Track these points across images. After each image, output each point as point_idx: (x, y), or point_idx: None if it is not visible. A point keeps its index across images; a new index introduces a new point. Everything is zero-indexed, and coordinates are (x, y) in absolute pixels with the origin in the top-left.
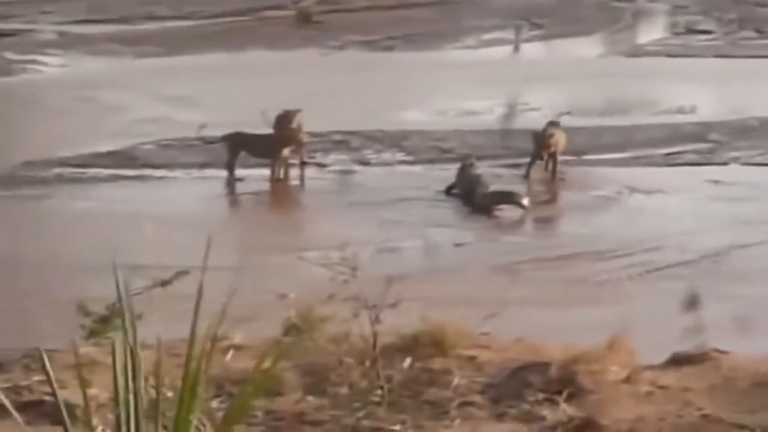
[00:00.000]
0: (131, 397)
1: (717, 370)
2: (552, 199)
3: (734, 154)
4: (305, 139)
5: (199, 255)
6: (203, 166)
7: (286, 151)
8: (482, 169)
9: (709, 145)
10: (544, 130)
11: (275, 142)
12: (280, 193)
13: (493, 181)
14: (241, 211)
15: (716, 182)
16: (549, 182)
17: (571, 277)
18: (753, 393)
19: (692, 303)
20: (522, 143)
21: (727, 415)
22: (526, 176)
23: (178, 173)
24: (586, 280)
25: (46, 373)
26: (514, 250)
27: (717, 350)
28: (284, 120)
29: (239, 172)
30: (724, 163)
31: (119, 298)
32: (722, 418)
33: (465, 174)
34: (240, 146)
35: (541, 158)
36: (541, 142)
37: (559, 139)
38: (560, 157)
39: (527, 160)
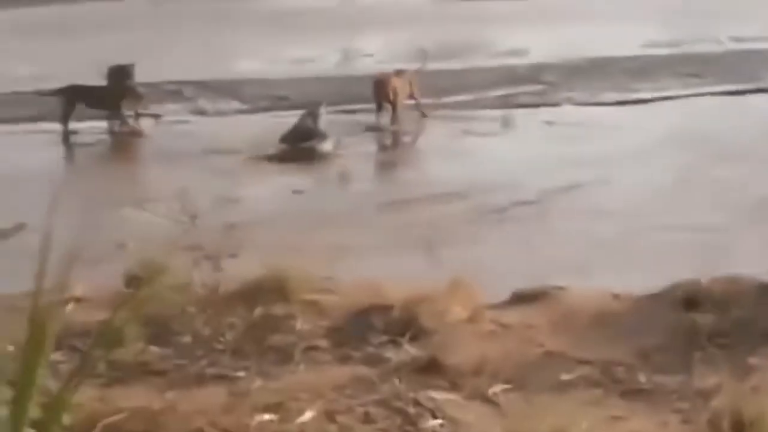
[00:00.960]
0: None
1: (557, 306)
2: (392, 146)
3: (567, 94)
4: (142, 91)
5: (36, 210)
6: (35, 119)
7: (123, 103)
8: (324, 117)
9: (542, 87)
10: (382, 77)
11: (113, 95)
12: (118, 145)
13: (330, 132)
14: (78, 163)
15: (550, 123)
16: (390, 128)
17: (410, 221)
18: (593, 328)
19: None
20: (361, 89)
21: (569, 350)
22: (376, 125)
23: (10, 128)
24: (425, 224)
25: None
26: (354, 196)
27: (557, 287)
28: (121, 73)
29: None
30: (557, 104)
31: None
32: (564, 353)
33: (302, 122)
34: (76, 99)
35: (380, 106)
36: (377, 90)
37: (398, 86)
38: (409, 102)
39: (368, 106)
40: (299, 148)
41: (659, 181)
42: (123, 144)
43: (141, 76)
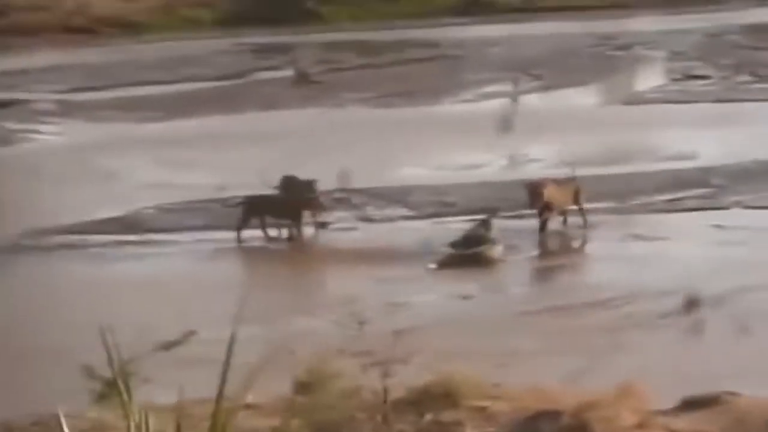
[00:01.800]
0: None
1: (729, 413)
2: (559, 251)
3: (736, 198)
4: (324, 202)
5: (203, 316)
6: (204, 228)
7: (306, 214)
8: (497, 224)
9: (711, 190)
10: (535, 182)
11: (295, 206)
12: (290, 253)
13: (499, 238)
14: (252, 271)
15: (719, 227)
16: (557, 233)
17: (579, 326)
18: None
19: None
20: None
21: None
22: (541, 229)
23: (179, 236)
24: (594, 329)
25: None
26: (521, 301)
27: (729, 393)
28: (305, 186)
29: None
30: (726, 208)
31: (124, 362)
32: None
33: (475, 230)
34: (258, 209)
35: (534, 209)
36: (531, 195)
37: (554, 192)
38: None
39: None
40: (468, 254)
41: None
42: (295, 252)
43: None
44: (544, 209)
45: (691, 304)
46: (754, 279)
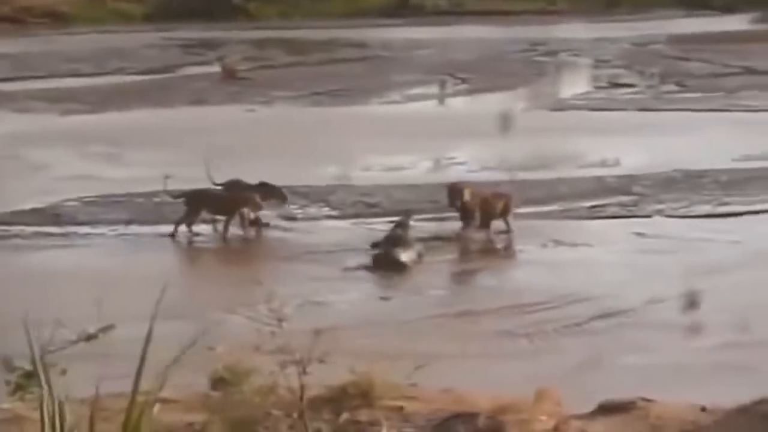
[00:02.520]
0: None
1: (644, 419)
2: (481, 253)
3: (658, 206)
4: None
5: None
6: (128, 222)
7: (244, 211)
8: (415, 227)
9: (633, 198)
10: (456, 182)
11: (233, 202)
12: (219, 250)
13: (414, 241)
14: (172, 266)
15: (640, 234)
16: (479, 237)
17: (497, 329)
18: None
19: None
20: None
21: None
22: (463, 231)
23: (102, 229)
24: (512, 333)
25: None
26: (440, 303)
27: (644, 399)
28: (239, 185)
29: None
30: (648, 216)
31: (42, 354)
32: None
33: (393, 232)
34: (198, 204)
35: (452, 207)
36: (450, 196)
37: (475, 196)
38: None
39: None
40: (388, 256)
41: (750, 297)
42: (221, 249)
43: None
44: (465, 211)
45: (693, 304)
46: (672, 287)
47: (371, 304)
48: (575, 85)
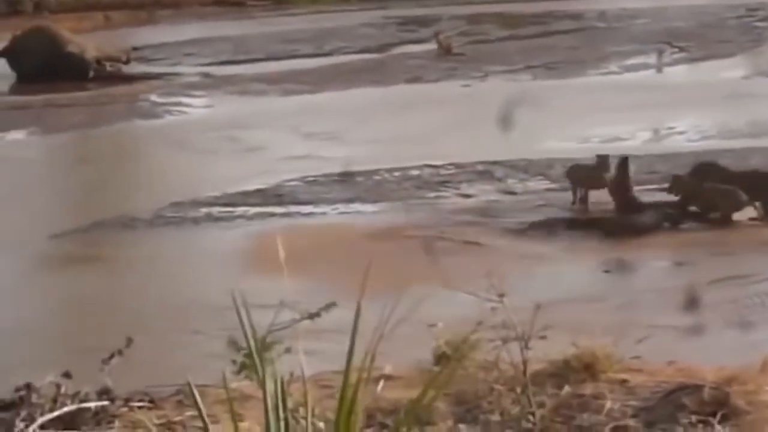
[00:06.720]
0: (282, 429)
1: None
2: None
3: None
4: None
5: (344, 289)
6: (349, 201)
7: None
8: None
9: None
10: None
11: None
12: None
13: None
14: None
15: None
16: None
17: (719, 300)
18: None
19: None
20: (669, 168)
21: None
22: None
23: (324, 209)
24: (736, 303)
25: (198, 409)
26: (658, 277)
27: None
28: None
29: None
30: None
31: (268, 333)
32: None
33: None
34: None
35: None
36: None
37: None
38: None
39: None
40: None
41: None
42: None
43: (452, 157)
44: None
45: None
46: None
47: (594, 277)
48: None
